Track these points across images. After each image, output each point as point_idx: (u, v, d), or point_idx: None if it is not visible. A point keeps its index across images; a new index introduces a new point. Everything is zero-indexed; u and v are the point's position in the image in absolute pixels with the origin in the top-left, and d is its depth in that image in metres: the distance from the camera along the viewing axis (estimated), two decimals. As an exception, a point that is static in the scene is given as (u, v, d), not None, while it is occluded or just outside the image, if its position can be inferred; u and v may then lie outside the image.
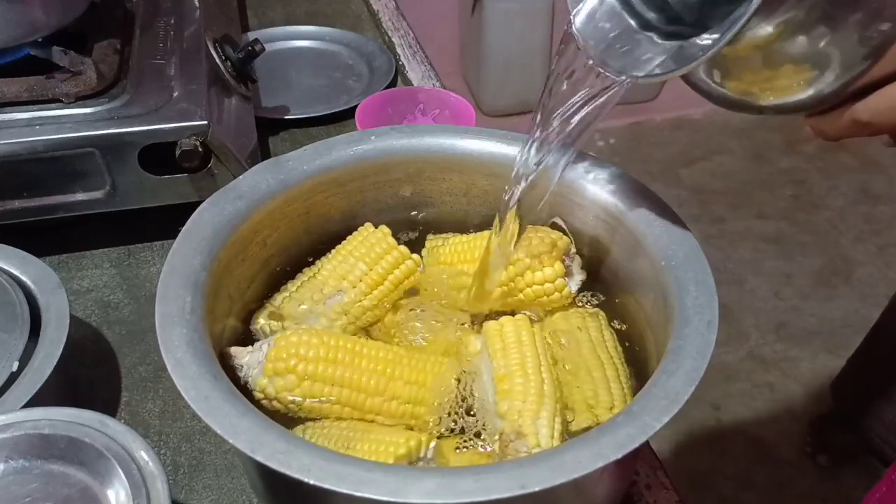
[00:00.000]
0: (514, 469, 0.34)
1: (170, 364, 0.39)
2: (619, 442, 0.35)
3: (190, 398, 0.37)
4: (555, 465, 0.34)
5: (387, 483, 0.33)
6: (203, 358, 0.40)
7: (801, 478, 1.51)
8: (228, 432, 0.36)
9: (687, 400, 0.37)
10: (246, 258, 0.50)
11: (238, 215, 0.49)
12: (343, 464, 0.34)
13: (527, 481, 0.33)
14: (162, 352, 0.39)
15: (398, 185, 0.56)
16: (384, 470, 0.34)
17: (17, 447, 0.42)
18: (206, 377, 0.38)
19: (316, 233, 0.55)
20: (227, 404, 0.37)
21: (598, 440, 0.35)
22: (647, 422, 0.36)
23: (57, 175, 0.64)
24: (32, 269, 0.56)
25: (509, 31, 2.18)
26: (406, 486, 0.33)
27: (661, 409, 0.36)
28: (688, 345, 0.40)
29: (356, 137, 0.55)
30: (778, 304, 1.86)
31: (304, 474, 0.33)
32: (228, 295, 0.49)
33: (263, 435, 0.36)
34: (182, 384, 0.38)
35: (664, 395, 0.37)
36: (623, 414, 0.37)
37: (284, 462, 0.34)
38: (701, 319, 0.41)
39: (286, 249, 0.54)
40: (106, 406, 0.57)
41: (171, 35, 0.74)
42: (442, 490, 0.33)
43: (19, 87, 0.63)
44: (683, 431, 1.57)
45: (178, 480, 0.53)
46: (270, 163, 0.52)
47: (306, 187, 0.52)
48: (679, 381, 0.38)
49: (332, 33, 1.01)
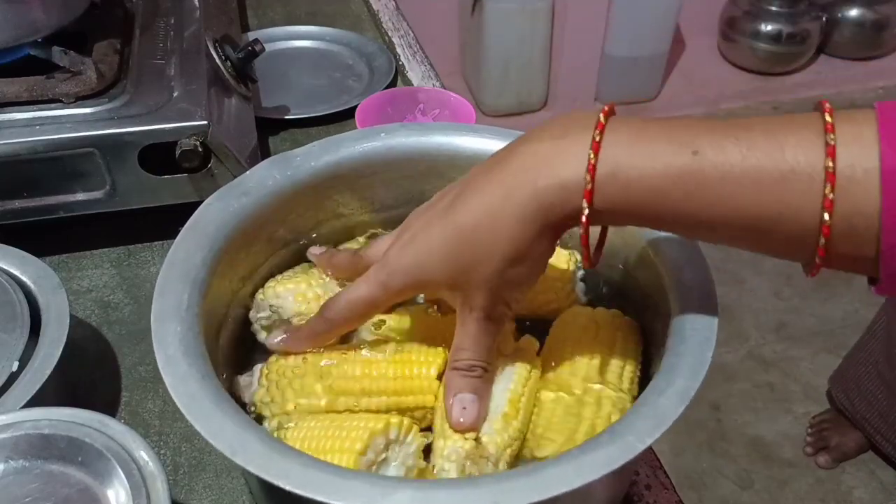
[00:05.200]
0: (491, 485, 0.33)
1: (160, 360, 0.39)
2: (600, 461, 0.34)
3: (176, 395, 0.37)
4: (532, 482, 0.33)
5: (362, 493, 0.33)
6: (194, 356, 0.39)
7: (801, 478, 1.51)
8: (210, 433, 0.35)
9: (677, 419, 0.36)
10: (250, 253, 0.50)
11: (244, 211, 0.48)
12: (320, 470, 0.34)
13: (502, 497, 0.33)
14: (154, 347, 0.39)
15: (407, 183, 0.56)
16: (362, 479, 0.34)
17: (17, 447, 0.42)
18: (194, 376, 0.38)
19: (323, 229, 0.55)
20: (212, 404, 0.37)
21: (578, 458, 0.34)
22: (631, 442, 0.35)
23: (57, 175, 0.64)
24: (32, 269, 0.56)
25: (509, 31, 2.18)
26: (380, 496, 0.33)
27: (647, 430, 0.35)
28: (682, 363, 0.39)
29: (365, 134, 0.54)
30: (778, 304, 1.86)
31: (281, 480, 0.33)
32: (231, 289, 0.49)
33: (244, 438, 0.35)
34: (170, 381, 0.38)
35: (652, 414, 0.36)
36: (607, 432, 0.36)
37: (262, 466, 0.34)
38: (698, 336, 0.40)
39: (293, 244, 0.54)
40: (106, 406, 0.57)
41: (171, 35, 0.74)
42: (415, 502, 0.33)
43: (19, 87, 0.63)
44: (683, 431, 1.57)
45: (178, 480, 0.53)
46: (278, 158, 0.52)
47: (314, 183, 0.52)
48: (669, 400, 0.37)
49: (332, 33, 1.01)
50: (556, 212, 0.37)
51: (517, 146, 0.39)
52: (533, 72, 2.32)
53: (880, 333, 1.38)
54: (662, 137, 0.35)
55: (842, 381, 1.49)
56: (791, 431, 1.59)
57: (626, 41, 2.29)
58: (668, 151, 0.35)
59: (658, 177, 0.35)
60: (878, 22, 2.55)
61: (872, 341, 1.40)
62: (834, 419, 1.54)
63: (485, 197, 0.39)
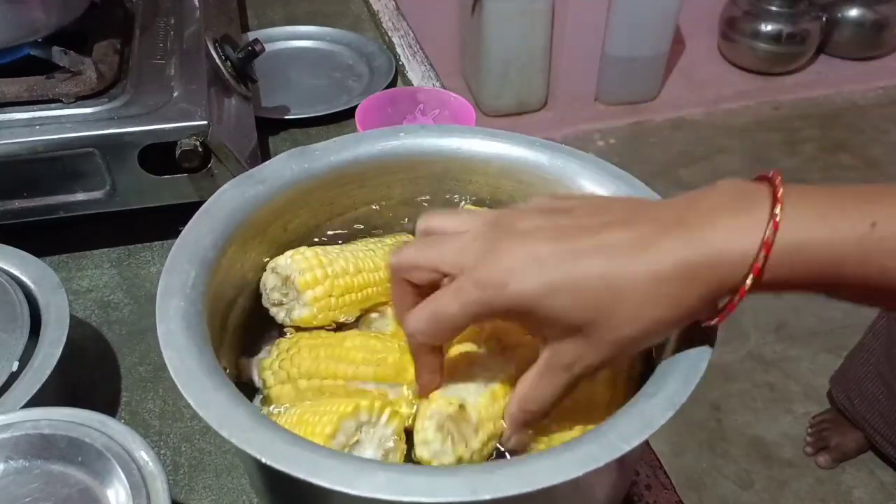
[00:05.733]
0: (470, 474, 0.33)
1: (160, 332, 0.39)
2: (581, 460, 0.34)
3: (172, 367, 0.37)
4: (511, 474, 0.33)
5: (339, 472, 0.33)
6: (194, 331, 0.40)
7: (801, 478, 1.51)
8: (200, 405, 0.36)
9: (663, 424, 0.35)
10: (264, 240, 0.50)
11: (258, 198, 0.49)
12: (302, 448, 0.34)
13: (479, 487, 0.33)
14: (157, 320, 0.39)
15: (424, 184, 0.56)
16: (341, 458, 0.34)
17: (17, 447, 0.42)
18: (191, 349, 0.38)
19: (339, 224, 0.55)
20: (206, 377, 0.37)
21: (560, 455, 0.34)
22: (614, 442, 0.34)
23: (57, 175, 0.64)
24: (32, 269, 0.56)
25: (509, 31, 2.19)
26: (356, 477, 0.33)
27: (632, 432, 0.35)
28: (675, 369, 0.39)
29: (386, 133, 0.54)
30: (778, 304, 1.86)
31: (261, 454, 0.34)
32: (243, 275, 0.49)
33: (233, 411, 0.36)
34: (167, 354, 0.38)
35: (639, 417, 0.36)
36: (593, 432, 0.36)
37: (245, 440, 0.34)
38: (695, 344, 0.40)
39: (307, 236, 0.54)
40: (106, 406, 0.57)
41: (171, 35, 0.74)
42: (391, 485, 0.33)
43: (19, 87, 0.63)
44: (683, 431, 1.57)
45: (178, 480, 0.53)
46: (296, 151, 0.52)
47: (330, 178, 0.52)
48: (658, 404, 0.36)
49: (332, 33, 1.01)
50: (725, 285, 0.35)
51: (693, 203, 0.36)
52: (533, 72, 2.33)
53: (881, 333, 1.38)
54: (836, 208, 0.34)
55: (843, 381, 1.49)
56: (791, 431, 1.59)
57: (626, 41, 2.29)
58: (845, 227, 0.34)
59: (832, 252, 0.34)
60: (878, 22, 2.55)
61: (873, 341, 1.40)
62: (834, 419, 1.54)
63: (660, 255, 0.35)
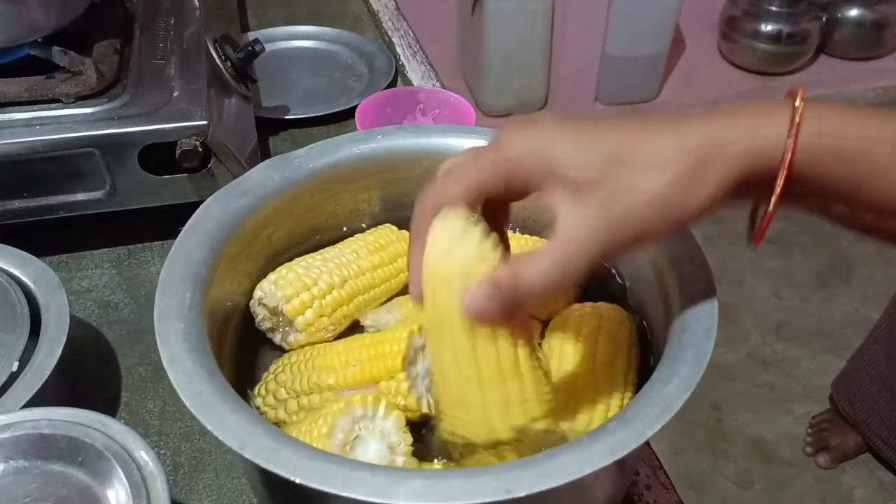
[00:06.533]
0: (502, 473, 0.34)
1: (165, 358, 0.39)
2: (609, 448, 0.35)
3: (183, 393, 0.37)
4: (543, 469, 0.34)
5: (373, 483, 0.33)
6: (199, 353, 0.40)
7: (801, 478, 1.51)
8: (218, 428, 0.36)
9: (682, 406, 0.36)
10: (251, 254, 0.50)
11: (243, 211, 0.49)
12: (329, 462, 0.34)
13: (512, 485, 0.33)
14: (158, 345, 0.39)
15: (406, 185, 0.56)
16: (371, 470, 0.34)
17: (17, 447, 0.42)
18: (200, 373, 0.38)
19: (323, 231, 0.55)
20: (220, 400, 0.37)
21: (588, 446, 0.35)
22: (639, 429, 0.35)
23: (57, 175, 0.64)
24: (32, 269, 0.56)
25: (509, 31, 2.18)
26: (392, 487, 0.33)
27: (653, 417, 0.36)
28: (685, 351, 0.39)
29: (363, 136, 0.55)
30: (778, 304, 1.86)
31: (291, 473, 0.33)
32: (234, 289, 0.49)
33: (253, 432, 0.36)
34: (176, 378, 0.38)
35: (658, 401, 0.37)
36: (615, 420, 0.36)
37: (271, 460, 0.34)
38: (700, 326, 0.41)
39: (293, 247, 0.54)
40: (106, 406, 0.57)
41: (171, 35, 0.74)
42: (428, 492, 0.33)
43: (19, 87, 0.63)
44: (683, 431, 1.57)
45: (178, 480, 0.53)
46: (277, 160, 0.52)
47: (312, 185, 0.52)
48: (674, 387, 0.37)
49: (332, 33, 1.01)
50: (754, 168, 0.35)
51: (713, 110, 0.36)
52: (533, 72, 2.32)
53: (883, 337, 1.38)
54: (856, 110, 0.35)
55: (844, 385, 1.49)
56: (791, 431, 1.59)
57: (626, 41, 2.28)
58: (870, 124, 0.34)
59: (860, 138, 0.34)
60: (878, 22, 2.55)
61: (875, 345, 1.40)
62: (834, 419, 1.54)
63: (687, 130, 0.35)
